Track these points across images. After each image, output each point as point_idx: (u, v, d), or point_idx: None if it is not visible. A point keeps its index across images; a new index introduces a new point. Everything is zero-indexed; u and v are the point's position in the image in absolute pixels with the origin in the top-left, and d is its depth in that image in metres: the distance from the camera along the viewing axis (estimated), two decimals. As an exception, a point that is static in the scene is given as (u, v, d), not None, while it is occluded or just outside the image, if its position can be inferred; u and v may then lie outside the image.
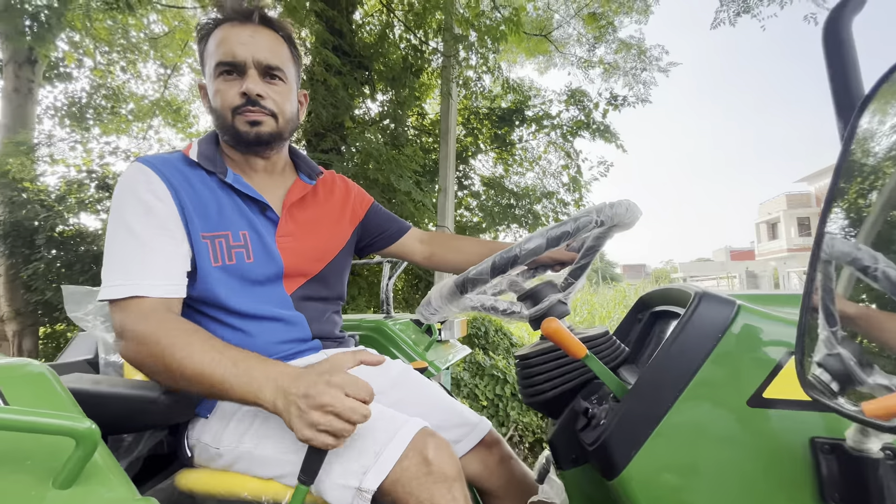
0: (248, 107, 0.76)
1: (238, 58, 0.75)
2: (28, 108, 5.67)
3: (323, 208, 0.92)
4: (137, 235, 0.68)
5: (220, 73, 0.76)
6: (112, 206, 0.72)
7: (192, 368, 0.60)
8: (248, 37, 0.76)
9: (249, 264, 0.77)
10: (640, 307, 0.98)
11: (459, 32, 3.97)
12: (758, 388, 0.53)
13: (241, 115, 0.77)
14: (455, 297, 0.73)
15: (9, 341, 5.05)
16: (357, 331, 1.58)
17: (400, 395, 0.91)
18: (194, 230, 0.74)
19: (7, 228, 4.77)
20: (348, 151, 4.23)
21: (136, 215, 0.69)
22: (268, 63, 0.77)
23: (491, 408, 3.55)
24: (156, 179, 0.72)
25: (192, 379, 0.60)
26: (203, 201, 0.76)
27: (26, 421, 0.40)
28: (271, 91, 0.78)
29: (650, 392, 0.57)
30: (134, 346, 0.63)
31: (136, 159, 0.76)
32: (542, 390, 0.77)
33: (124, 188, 0.72)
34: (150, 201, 0.71)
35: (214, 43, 0.77)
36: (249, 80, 0.76)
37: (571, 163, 4.98)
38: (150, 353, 0.62)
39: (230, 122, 0.77)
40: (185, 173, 0.77)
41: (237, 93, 0.76)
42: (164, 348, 0.61)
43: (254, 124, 0.77)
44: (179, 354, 0.60)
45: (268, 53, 0.77)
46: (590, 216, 0.67)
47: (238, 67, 0.76)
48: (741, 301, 0.58)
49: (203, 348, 0.61)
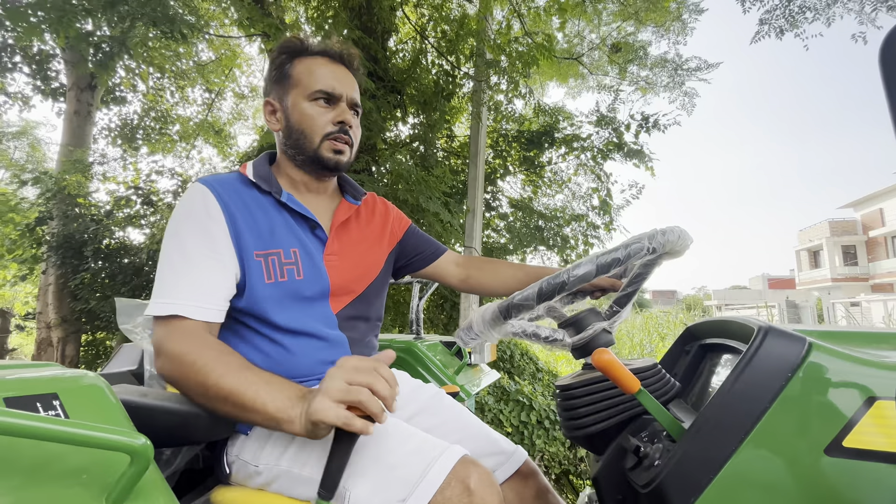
0: (341, 134, 0.84)
1: (337, 91, 0.84)
2: (86, 130, 6.10)
3: (365, 229, 0.93)
4: (189, 256, 0.71)
5: (316, 98, 0.83)
6: (170, 224, 0.74)
7: (225, 389, 0.61)
8: (343, 74, 0.86)
9: (299, 281, 0.78)
10: (687, 339, 0.93)
11: (491, 58, 4.05)
12: (836, 435, 0.49)
13: (330, 141, 0.83)
14: (498, 322, 0.71)
15: (53, 347, 5.30)
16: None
17: (434, 421, 0.89)
18: (247, 249, 0.76)
19: (60, 240, 5.08)
20: (378, 172, 4.32)
21: (191, 236, 0.72)
22: (355, 100, 0.87)
23: (516, 435, 3.44)
24: (212, 201, 0.75)
25: (226, 399, 0.61)
26: (257, 221, 0.78)
27: (86, 436, 0.40)
28: (354, 123, 0.87)
29: (711, 434, 0.53)
30: (170, 364, 0.65)
31: (196, 180, 0.79)
32: (585, 424, 0.74)
33: (183, 208, 0.75)
34: (205, 222, 0.73)
35: (308, 70, 0.83)
36: (345, 111, 0.85)
37: (602, 185, 4.91)
38: (185, 372, 0.64)
39: (315, 146, 0.83)
40: (241, 193, 0.80)
41: (330, 120, 0.83)
42: (199, 368, 0.62)
43: (337, 153, 0.84)
44: (214, 375, 0.61)
45: (355, 92, 0.88)
46: (641, 243, 0.65)
47: (333, 98, 0.84)
48: (812, 338, 0.54)
49: (238, 371, 0.62)
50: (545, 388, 4.11)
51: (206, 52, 7.25)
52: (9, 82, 5.57)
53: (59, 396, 0.48)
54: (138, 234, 5.40)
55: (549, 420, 3.45)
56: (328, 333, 0.81)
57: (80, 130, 6.03)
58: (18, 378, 0.48)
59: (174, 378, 0.65)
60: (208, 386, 0.61)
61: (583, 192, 5.04)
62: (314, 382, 0.79)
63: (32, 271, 5.79)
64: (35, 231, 5.45)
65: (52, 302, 5.39)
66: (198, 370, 0.62)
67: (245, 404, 0.60)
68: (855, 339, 0.59)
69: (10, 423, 0.37)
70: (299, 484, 0.66)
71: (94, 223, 5.14)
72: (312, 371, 0.78)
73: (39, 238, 5.45)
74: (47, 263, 5.27)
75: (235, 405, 0.61)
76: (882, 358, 0.53)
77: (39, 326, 5.50)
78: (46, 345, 5.35)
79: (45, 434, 0.38)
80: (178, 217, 0.74)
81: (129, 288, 4.95)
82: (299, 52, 0.85)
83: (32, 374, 0.51)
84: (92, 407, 0.50)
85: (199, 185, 0.77)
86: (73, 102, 5.98)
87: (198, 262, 0.71)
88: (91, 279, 5.02)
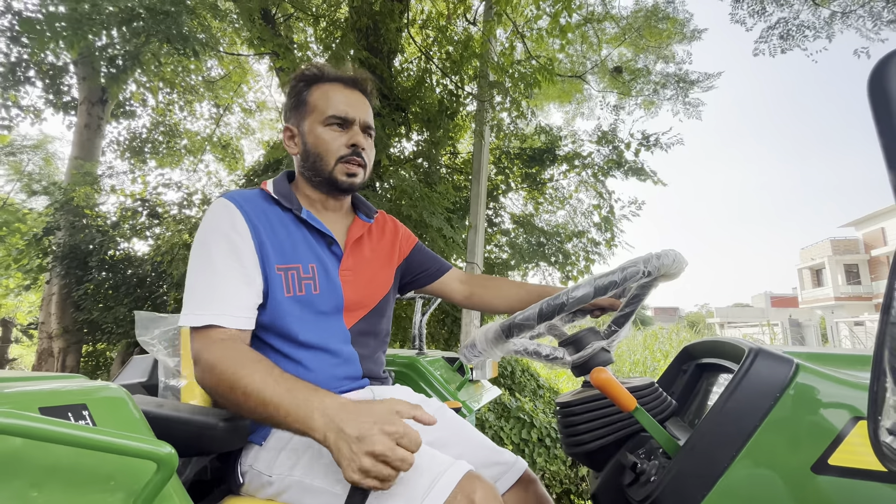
0: (354, 157, 0.87)
1: (350, 115, 0.87)
2: (96, 143, 6.22)
3: (377, 246, 0.98)
4: (217, 269, 0.74)
5: (330, 123, 0.87)
6: (197, 238, 0.78)
7: (252, 393, 0.63)
8: (356, 100, 0.90)
9: (316, 295, 0.82)
10: (684, 358, 0.96)
11: (494, 79, 4.15)
12: (822, 453, 0.51)
13: (344, 164, 0.87)
14: (500, 340, 0.74)
15: (54, 357, 5.30)
16: (391, 367, 1.59)
17: (437, 434, 0.91)
18: (269, 263, 0.79)
19: (65, 251, 5.13)
20: (382, 188, 4.39)
21: (219, 249, 0.76)
22: (368, 123, 0.91)
23: (517, 453, 3.41)
24: (238, 216, 0.79)
25: (253, 403, 0.63)
26: (279, 235, 0.83)
27: (117, 443, 0.43)
28: (367, 146, 0.91)
29: (704, 451, 0.56)
30: (207, 372, 0.68)
31: (221, 195, 0.83)
32: (585, 440, 0.76)
33: (210, 223, 0.78)
34: (231, 237, 0.77)
35: (324, 97, 0.87)
36: (357, 135, 0.88)
37: (603, 202, 4.97)
38: (219, 378, 0.66)
39: (330, 169, 0.87)
40: (264, 209, 0.84)
41: (344, 143, 0.87)
42: (231, 374, 0.65)
43: (351, 175, 0.88)
44: (244, 381, 0.64)
45: (368, 116, 0.91)
46: (637, 266, 0.68)
47: (346, 122, 0.88)
48: (799, 360, 0.57)
49: (264, 375, 0.64)
50: (546, 406, 4.09)
51: (216, 68, 7.42)
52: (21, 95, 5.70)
53: (87, 407, 0.51)
54: (143, 245, 5.46)
55: (551, 438, 3.43)
56: (342, 349, 0.84)
57: (90, 143, 6.15)
58: (52, 389, 0.51)
59: (210, 384, 0.68)
60: (237, 392, 0.64)
61: (584, 209, 5.10)
62: None
63: (37, 281, 5.84)
64: (41, 241, 5.51)
65: (54, 312, 5.42)
66: (230, 375, 0.65)
67: (268, 411, 0.62)
68: (841, 362, 0.62)
69: (50, 430, 0.40)
70: (310, 494, 0.68)
71: (101, 234, 5.20)
72: (326, 386, 0.81)
73: (45, 248, 5.50)
74: (52, 273, 5.32)
75: (260, 411, 0.63)
76: (866, 380, 0.56)
77: (41, 336, 5.52)
78: (47, 355, 5.36)
79: (81, 441, 0.41)
80: (205, 231, 0.78)
81: (132, 299, 4.98)
82: (316, 79, 0.89)
83: (62, 386, 0.54)
84: (117, 417, 0.53)
85: (225, 201, 0.81)
86: (83, 116, 6.12)
87: (226, 274, 0.74)
88: (95, 290, 5.05)
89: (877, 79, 0.52)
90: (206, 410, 0.71)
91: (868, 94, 0.52)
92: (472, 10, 5.07)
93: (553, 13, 3.71)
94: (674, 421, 0.83)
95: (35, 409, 0.47)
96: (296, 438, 0.72)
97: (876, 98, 0.51)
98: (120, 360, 5.27)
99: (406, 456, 0.56)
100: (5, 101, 5.32)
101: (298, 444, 0.72)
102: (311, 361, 0.80)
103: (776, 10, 4.76)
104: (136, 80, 6.53)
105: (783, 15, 4.76)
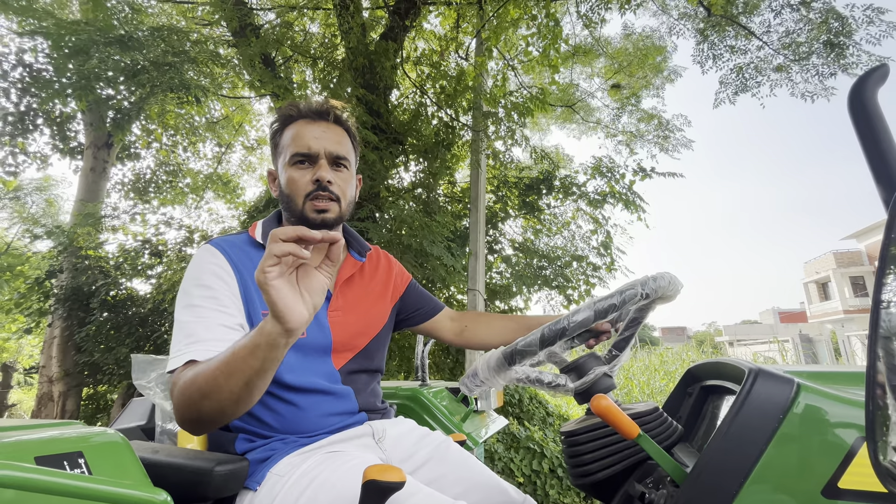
0: (319, 192, 0.84)
1: (312, 150, 0.85)
2: (101, 185, 6.36)
3: (369, 285, 0.97)
4: (199, 312, 0.74)
5: (295, 162, 0.85)
6: (182, 285, 0.78)
7: (223, 367, 0.60)
8: (321, 132, 0.87)
9: (303, 340, 0.82)
10: (689, 380, 0.94)
11: (488, 110, 4.27)
12: (831, 476, 0.50)
13: (311, 202, 0.85)
14: (503, 368, 0.74)
15: (54, 402, 5.22)
16: (393, 399, 1.56)
17: (442, 470, 0.89)
18: (255, 309, 0.79)
19: (67, 293, 5.14)
20: (382, 219, 4.44)
21: (201, 294, 0.76)
22: (336, 153, 0.87)
23: (528, 485, 3.29)
24: (223, 260, 0.80)
25: (230, 373, 0.60)
26: None
27: (110, 492, 0.43)
28: (338, 178, 0.87)
29: (712, 478, 0.54)
30: (182, 395, 0.64)
31: (207, 242, 0.84)
32: (591, 471, 0.74)
33: (194, 269, 0.79)
34: (213, 281, 0.77)
35: (290, 136, 0.87)
36: (321, 169, 0.85)
37: (600, 229, 5.01)
38: (195, 388, 0.62)
39: (300, 208, 0.86)
40: (250, 254, 0.84)
41: (309, 180, 0.85)
42: (202, 377, 0.62)
43: (320, 212, 0.85)
44: (214, 369, 0.61)
45: (337, 146, 0.87)
46: (635, 289, 0.69)
47: (311, 158, 0.85)
48: (801, 379, 0.57)
49: (217, 358, 0.62)
50: (556, 434, 3.98)
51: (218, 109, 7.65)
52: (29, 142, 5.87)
53: (83, 455, 0.51)
54: (144, 284, 5.47)
55: (563, 468, 3.32)
56: (333, 388, 0.83)
57: (95, 186, 6.27)
58: (48, 438, 0.51)
59: (189, 400, 0.63)
60: (218, 381, 0.60)
61: (582, 234, 5.13)
62: (324, 436, 0.80)
63: (38, 324, 5.82)
64: (44, 284, 5.53)
65: (55, 355, 5.37)
66: (202, 379, 0.62)
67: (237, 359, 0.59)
68: (844, 379, 0.61)
69: (44, 480, 0.40)
70: None
71: (103, 275, 5.23)
72: (321, 425, 0.80)
73: (48, 291, 5.51)
74: (53, 316, 5.31)
75: (238, 372, 0.59)
76: None
77: (41, 381, 5.45)
78: (47, 399, 5.27)
79: (76, 491, 0.41)
80: (189, 278, 0.78)
81: (133, 339, 4.94)
82: (288, 120, 0.89)
83: (58, 434, 0.54)
84: (114, 464, 0.53)
85: (210, 247, 0.82)
86: (89, 160, 6.27)
87: (205, 315, 0.74)
88: (96, 331, 5.03)
89: (855, 98, 0.54)
90: (202, 455, 0.70)
91: (849, 114, 0.53)
92: (463, 46, 5.27)
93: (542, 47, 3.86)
94: (682, 447, 0.81)
95: (31, 459, 0.46)
96: (291, 479, 0.70)
97: (857, 116, 0.52)
98: (120, 402, 5.18)
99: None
100: (13, 148, 5.47)
101: (294, 486, 0.70)
102: (304, 402, 0.79)
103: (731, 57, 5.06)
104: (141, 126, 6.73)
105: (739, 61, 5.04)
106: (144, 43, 3.42)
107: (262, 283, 0.55)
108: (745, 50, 5.15)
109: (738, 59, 5.17)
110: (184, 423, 0.66)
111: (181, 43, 3.60)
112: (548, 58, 3.69)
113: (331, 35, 5.45)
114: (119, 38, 3.26)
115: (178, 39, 3.60)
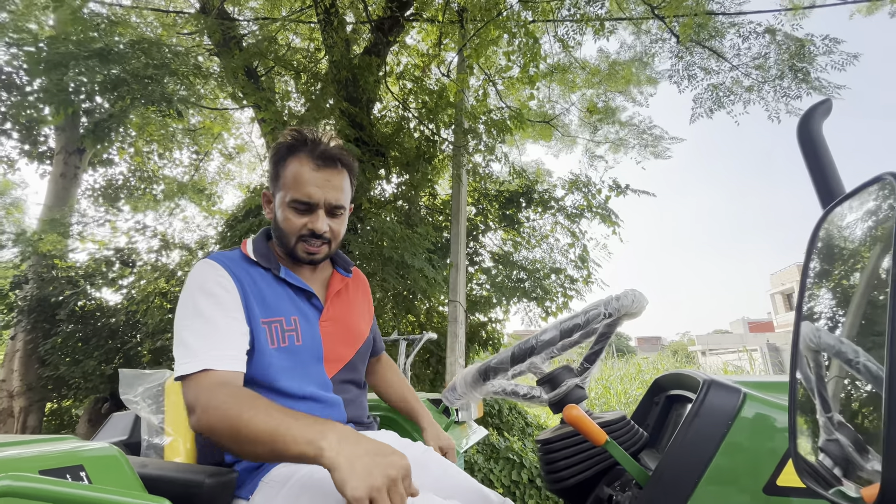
0: (312, 239, 0.89)
1: (313, 199, 0.87)
2: (71, 191, 6.14)
3: (354, 300, 1.03)
4: (207, 319, 0.78)
5: (294, 207, 0.87)
6: (183, 296, 0.82)
7: (257, 427, 0.63)
8: (324, 181, 0.87)
9: (298, 346, 0.86)
10: (655, 390, 1.01)
11: (469, 125, 4.37)
12: (771, 475, 0.57)
13: (303, 244, 0.89)
14: (479, 383, 0.79)
15: (14, 417, 4.96)
16: (376, 411, 1.58)
17: (424, 480, 0.92)
18: (254, 317, 0.83)
19: (32, 304, 4.93)
20: (364, 230, 4.46)
21: (207, 303, 0.79)
22: (336, 203, 0.89)
23: (507, 496, 3.32)
24: (224, 273, 0.84)
25: (258, 437, 0.62)
26: (262, 292, 0.87)
27: (117, 501, 0.45)
28: (333, 224, 0.91)
29: (670, 480, 0.60)
30: (205, 415, 0.68)
31: (207, 257, 0.88)
32: (564, 476, 0.79)
33: (196, 280, 0.83)
34: (218, 291, 0.81)
35: (292, 176, 0.87)
36: (319, 220, 0.88)
37: (577, 242, 5.16)
38: (219, 419, 0.66)
39: (292, 246, 0.90)
40: (246, 268, 0.89)
41: (304, 225, 0.88)
42: (232, 414, 0.65)
43: (311, 253, 0.90)
44: (246, 416, 0.64)
45: (337, 195, 0.89)
46: (598, 309, 0.75)
47: (311, 206, 0.88)
48: (747, 389, 0.64)
49: (267, 409, 0.65)
50: (535, 444, 4.03)
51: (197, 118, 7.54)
52: (-4, 148, 5.64)
53: (84, 468, 0.53)
54: (116, 295, 5.29)
55: (542, 478, 3.36)
56: (325, 396, 0.87)
57: (65, 192, 6.06)
58: (49, 452, 0.53)
59: (210, 427, 0.67)
60: (241, 429, 0.63)
61: (560, 247, 5.27)
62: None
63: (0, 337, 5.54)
64: (7, 296, 5.29)
65: (17, 368, 5.12)
66: (231, 415, 0.65)
67: (276, 441, 0.60)
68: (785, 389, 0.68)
69: (54, 490, 0.42)
70: None
71: (72, 285, 5.04)
72: None
73: (11, 303, 5.27)
74: (16, 329, 5.07)
75: (267, 444, 0.61)
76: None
77: (0, 396, 5.18)
78: (7, 415, 5.01)
79: (84, 500, 0.43)
80: (192, 288, 0.82)
81: (102, 351, 4.77)
82: (293, 149, 0.89)
83: (58, 448, 0.56)
84: (112, 476, 0.55)
85: (210, 261, 0.86)
86: (60, 165, 6.06)
87: (215, 323, 0.78)
88: (62, 343, 4.83)
89: (803, 128, 0.61)
90: (192, 468, 0.72)
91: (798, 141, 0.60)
92: (445, 62, 5.40)
93: (522, 64, 4.00)
94: (648, 452, 0.88)
95: (35, 472, 0.48)
96: (283, 491, 0.73)
97: (804, 144, 0.60)
98: (87, 417, 4.97)
99: (405, 494, 0.57)
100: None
101: (286, 498, 0.73)
102: (296, 409, 0.82)
103: (705, 77, 5.38)
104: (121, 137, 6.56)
105: (712, 80, 5.36)
106: (124, 55, 3.38)
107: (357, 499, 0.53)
108: (718, 71, 5.43)
109: (711, 78, 5.44)
110: (199, 430, 0.70)
111: (162, 55, 3.57)
112: (528, 73, 3.82)
113: (314, 49, 5.49)
114: (98, 51, 3.22)
115: (159, 51, 3.57)
